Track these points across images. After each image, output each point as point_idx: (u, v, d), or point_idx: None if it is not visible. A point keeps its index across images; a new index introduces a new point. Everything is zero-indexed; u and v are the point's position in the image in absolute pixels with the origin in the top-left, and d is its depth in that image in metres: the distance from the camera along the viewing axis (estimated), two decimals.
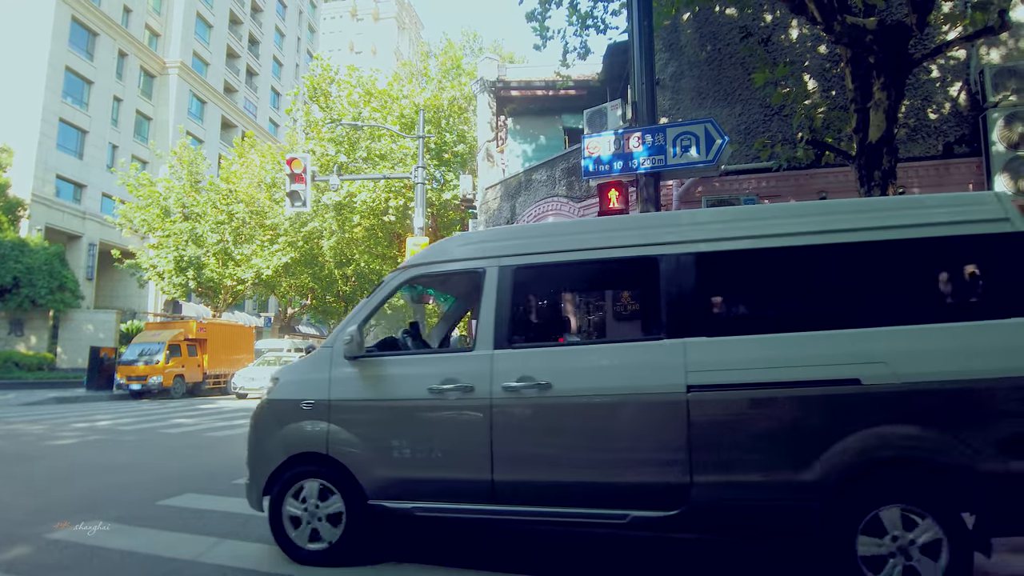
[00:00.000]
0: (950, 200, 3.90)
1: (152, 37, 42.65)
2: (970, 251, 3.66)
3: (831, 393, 3.49)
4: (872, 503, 3.39)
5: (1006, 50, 10.15)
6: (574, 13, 12.13)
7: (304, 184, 15.06)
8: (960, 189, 10.07)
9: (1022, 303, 3.45)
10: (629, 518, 3.65)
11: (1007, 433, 3.33)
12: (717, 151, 8.75)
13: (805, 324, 3.67)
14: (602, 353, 4.02)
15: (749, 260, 3.87)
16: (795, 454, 3.49)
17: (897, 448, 3.41)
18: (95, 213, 35.39)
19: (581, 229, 4.42)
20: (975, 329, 3.47)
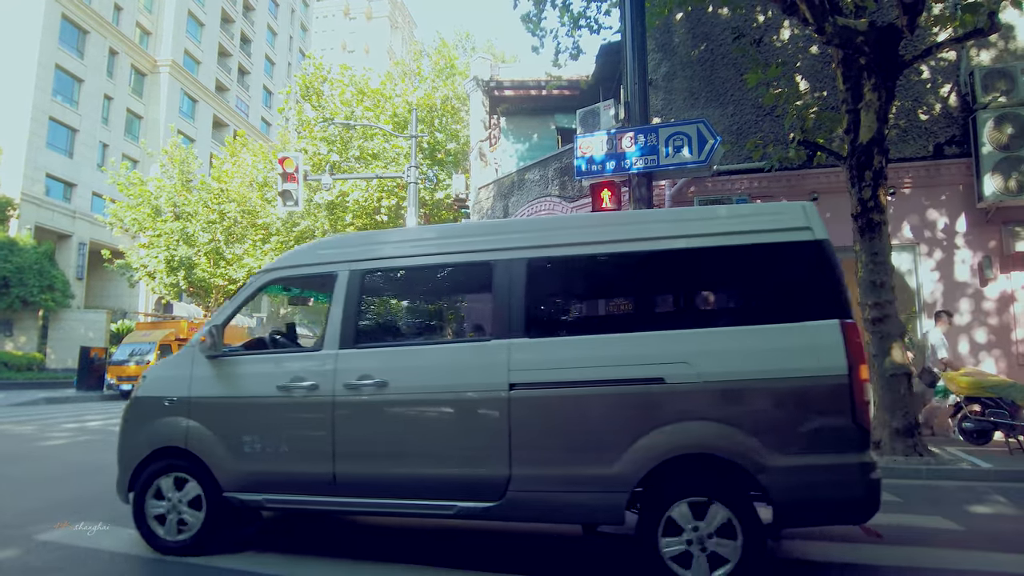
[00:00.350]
0: (759, 210, 4.12)
1: (143, 35, 42.42)
2: (773, 258, 3.85)
3: (637, 391, 3.69)
4: (670, 499, 3.59)
5: (996, 52, 10.23)
6: (566, 13, 12.16)
7: (296, 183, 15.02)
8: (950, 189, 10.16)
9: (818, 307, 3.67)
10: (456, 509, 3.87)
11: (796, 429, 3.54)
12: (709, 151, 8.78)
13: (618, 326, 4.00)
14: (435, 353, 4.20)
15: (570, 266, 4.10)
16: (604, 449, 3.68)
17: (696, 443, 3.60)
18: (85, 212, 35.18)
19: (425, 236, 4.62)
20: (774, 331, 3.68)
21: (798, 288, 3.79)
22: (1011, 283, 9.92)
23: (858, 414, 3.48)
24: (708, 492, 3.55)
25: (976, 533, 4.88)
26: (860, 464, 3.48)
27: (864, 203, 8.20)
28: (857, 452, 3.49)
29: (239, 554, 4.36)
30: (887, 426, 7.88)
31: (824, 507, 3.53)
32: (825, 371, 3.53)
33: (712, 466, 3.60)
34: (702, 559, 3.50)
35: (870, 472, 3.49)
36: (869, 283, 8.12)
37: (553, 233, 4.17)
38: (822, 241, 3.78)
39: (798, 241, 3.79)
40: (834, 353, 3.54)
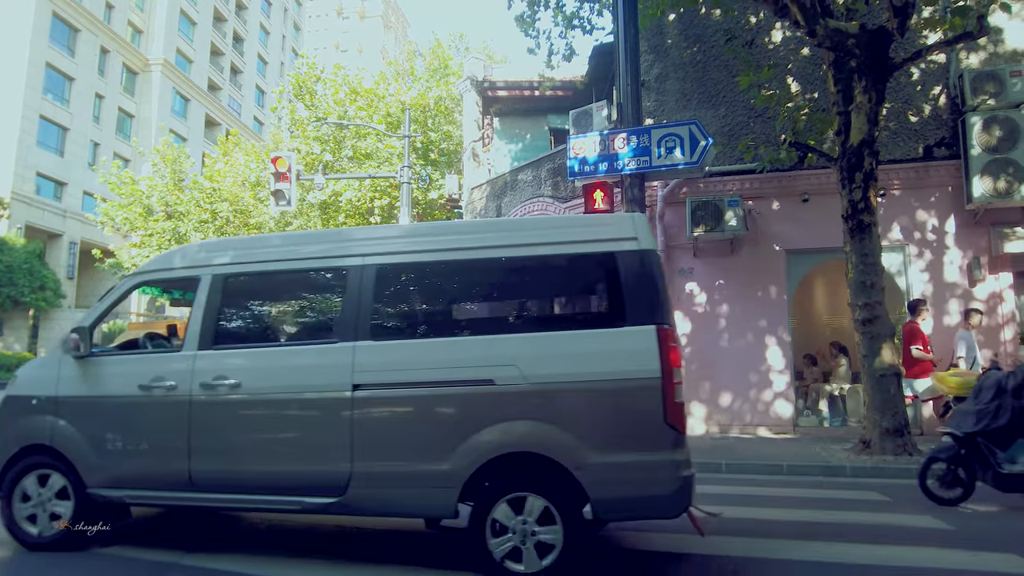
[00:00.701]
0: (589, 220, 4.41)
1: (135, 34, 42.22)
2: (599, 266, 4.07)
3: (469, 392, 3.89)
4: (495, 497, 3.77)
5: (985, 55, 10.31)
6: (559, 14, 12.18)
7: (289, 183, 14.99)
8: (940, 191, 10.23)
9: (638, 313, 3.87)
10: (302, 504, 4.04)
11: (612, 429, 3.76)
12: (701, 152, 8.82)
13: (455, 330, 4.22)
14: (286, 354, 4.37)
15: (413, 272, 4.36)
16: (438, 447, 3.87)
17: (520, 442, 3.80)
18: (76, 211, 34.98)
19: (285, 242, 4.83)
20: (595, 336, 3.92)
21: (620, 295, 3.96)
22: (999, 283, 10.00)
23: (670, 415, 3.70)
24: (528, 488, 3.76)
25: (964, 532, 4.93)
26: (671, 462, 3.70)
27: (854, 204, 8.25)
28: (669, 451, 3.71)
29: (221, 554, 4.38)
30: (877, 426, 7.94)
31: (636, 502, 3.75)
32: (640, 374, 3.75)
33: (534, 463, 3.78)
34: (531, 550, 3.70)
35: (681, 469, 3.71)
36: (859, 284, 8.18)
37: (400, 241, 4.41)
38: (647, 251, 4.00)
39: (624, 251, 3.99)
40: (649, 357, 3.76)
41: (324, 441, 4.03)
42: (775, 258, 10.69)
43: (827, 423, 10.88)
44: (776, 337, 10.57)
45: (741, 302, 10.75)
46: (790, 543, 4.62)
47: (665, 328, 3.82)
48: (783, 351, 10.53)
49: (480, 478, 3.80)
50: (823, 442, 9.32)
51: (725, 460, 7.94)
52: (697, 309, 10.92)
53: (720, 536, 4.66)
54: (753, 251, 10.73)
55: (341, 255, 4.36)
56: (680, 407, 3.77)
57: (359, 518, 5.17)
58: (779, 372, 10.50)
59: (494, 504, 3.75)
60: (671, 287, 10.98)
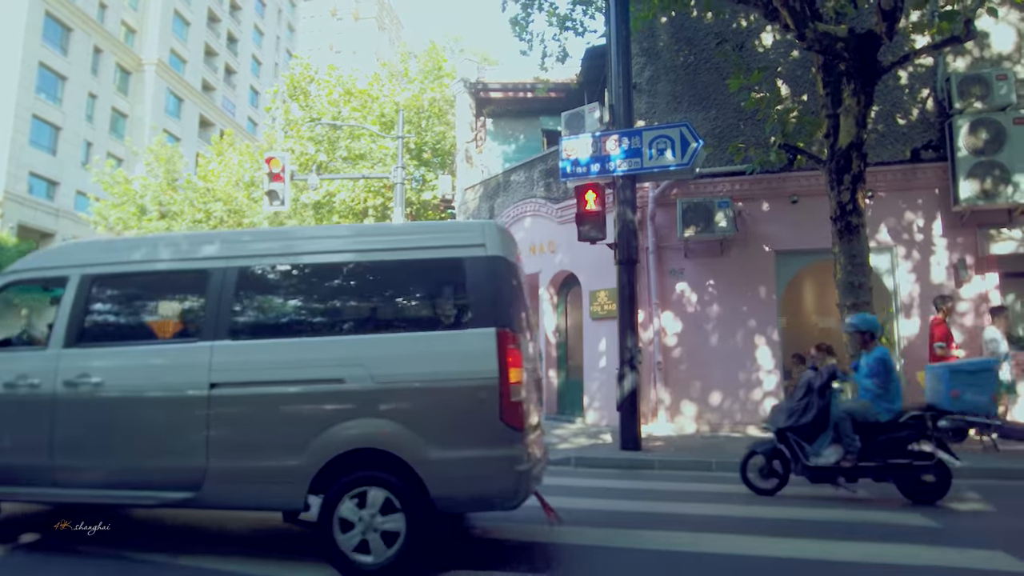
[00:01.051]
0: (439, 227, 4.60)
1: (128, 33, 42.10)
2: (446, 271, 4.27)
3: (321, 391, 4.04)
4: (341, 493, 3.89)
5: (971, 59, 10.44)
6: (553, 16, 12.26)
7: (283, 183, 15.00)
8: (927, 193, 10.34)
9: (481, 317, 4.06)
10: (160, 499, 4.15)
11: (452, 426, 3.95)
12: (692, 154, 8.91)
13: (310, 331, 4.31)
14: (148, 353, 4.44)
15: (270, 274, 4.45)
16: (290, 443, 3.99)
17: (365, 438, 3.95)
18: (69, 211, 34.85)
19: (154, 244, 4.85)
20: (440, 338, 4.12)
21: (465, 299, 4.17)
22: (985, 284, 10.11)
23: (506, 414, 3.90)
24: (372, 482, 3.91)
25: (951, 529, 4.98)
26: (507, 458, 3.89)
27: (843, 206, 8.34)
28: (505, 447, 3.90)
29: (215, 555, 4.38)
30: None
31: (473, 495, 3.96)
32: (478, 375, 3.95)
33: (379, 459, 3.93)
34: (378, 541, 3.85)
35: (516, 465, 3.89)
36: (847, 284, 8.27)
37: (260, 244, 4.53)
38: (493, 257, 4.18)
39: (471, 257, 4.18)
40: (487, 359, 3.95)
41: (182, 438, 4.13)
42: (765, 259, 10.79)
43: None
44: (765, 337, 10.66)
45: (731, 302, 10.84)
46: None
47: (505, 331, 4.01)
48: (772, 351, 10.62)
49: (328, 473, 3.94)
50: None
51: (715, 459, 8.01)
52: (688, 309, 11.00)
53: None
54: (743, 252, 10.81)
55: (205, 257, 4.48)
56: (516, 406, 3.94)
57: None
58: (768, 372, 10.59)
59: (341, 498, 3.89)
60: (662, 287, 11.08)
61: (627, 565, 4.22)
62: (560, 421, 12.46)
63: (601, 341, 11.72)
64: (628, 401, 8.86)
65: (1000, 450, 8.11)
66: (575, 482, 7.15)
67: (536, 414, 4.64)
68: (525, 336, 4.49)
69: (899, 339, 10.32)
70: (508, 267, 4.28)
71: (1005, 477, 7.05)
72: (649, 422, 10.68)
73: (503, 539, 4.78)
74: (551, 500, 4.74)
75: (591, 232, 9.21)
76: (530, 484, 4.06)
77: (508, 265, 4.29)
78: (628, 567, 4.18)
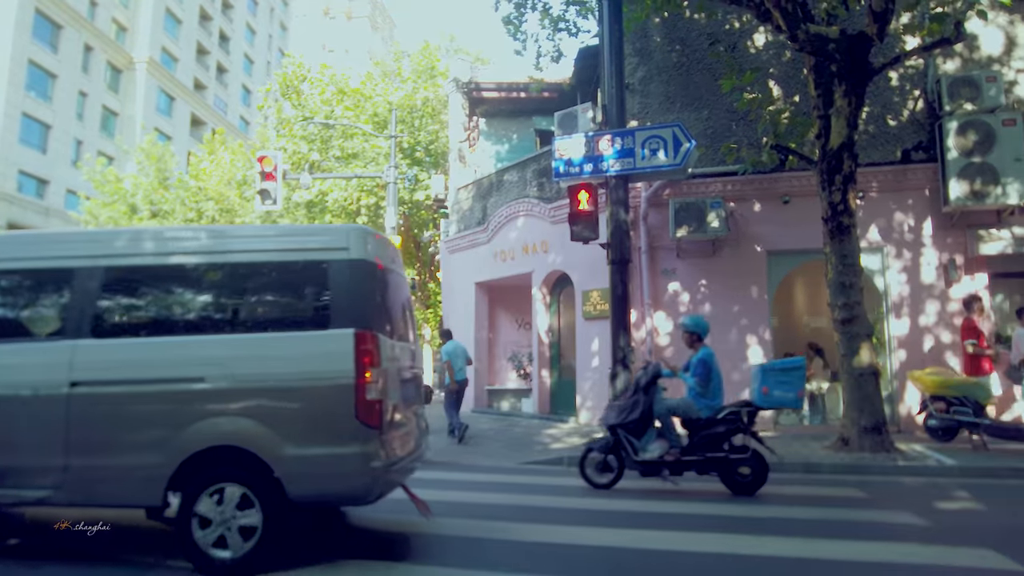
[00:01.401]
0: (304, 230, 4.67)
1: (119, 31, 41.84)
2: (312, 274, 4.34)
3: (181, 389, 4.10)
4: (199, 490, 3.97)
5: (961, 61, 10.52)
6: (546, 16, 12.26)
7: (275, 182, 14.93)
8: (917, 193, 10.41)
9: (340, 318, 4.18)
10: (18, 497, 4.16)
11: (308, 424, 4.06)
12: (684, 155, 8.94)
13: (172, 331, 4.35)
14: (10, 351, 4.37)
15: (136, 275, 4.46)
16: (149, 440, 4.06)
17: (224, 436, 4.02)
18: (59, 209, 34.60)
19: (20, 241, 4.95)
20: (299, 338, 4.21)
21: (326, 301, 4.27)
22: (975, 284, 10.19)
23: (361, 412, 4.03)
24: (230, 478, 4.00)
25: (941, 528, 5.01)
26: (362, 455, 4.02)
27: (834, 206, 8.39)
28: (360, 444, 4.02)
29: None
30: (855, 424, 8.07)
31: (329, 490, 4.09)
32: (335, 374, 4.07)
33: (237, 456, 4.01)
34: (235, 535, 3.93)
35: (371, 462, 4.03)
36: (838, 284, 8.32)
37: (127, 244, 4.56)
38: (355, 261, 4.31)
39: (334, 260, 4.30)
40: (344, 359, 4.07)
41: (41, 435, 4.13)
42: (756, 259, 10.83)
43: (807, 421, 11.04)
44: (757, 336, 10.70)
45: (723, 302, 10.88)
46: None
47: (364, 333, 4.14)
48: (764, 350, 10.66)
49: (187, 470, 3.99)
50: (803, 440, 9.46)
51: None
52: (680, 309, 11.03)
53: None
54: (735, 252, 10.86)
55: (70, 256, 4.48)
56: (372, 405, 4.06)
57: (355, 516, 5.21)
58: None
59: (199, 495, 3.96)
60: (655, 287, 11.10)
61: (493, 554, 4.44)
62: (553, 421, 12.47)
63: (594, 341, 11.74)
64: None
65: (990, 449, 8.18)
66: (566, 482, 7.18)
67: (406, 412, 4.74)
68: (393, 338, 4.60)
69: (889, 339, 10.38)
70: (372, 270, 4.41)
71: (994, 476, 7.11)
72: None
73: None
74: (546, 499, 4.75)
75: (584, 232, 9.22)
76: (389, 480, 4.24)
77: (372, 268, 4.42)
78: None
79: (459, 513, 5.56)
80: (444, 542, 4.82)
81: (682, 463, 6.41)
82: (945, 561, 4.16)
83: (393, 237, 14.86)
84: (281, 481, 3.96)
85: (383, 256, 4.66)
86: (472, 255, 15.30)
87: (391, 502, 4.68)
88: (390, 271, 4.79)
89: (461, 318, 15.65)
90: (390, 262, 4.83)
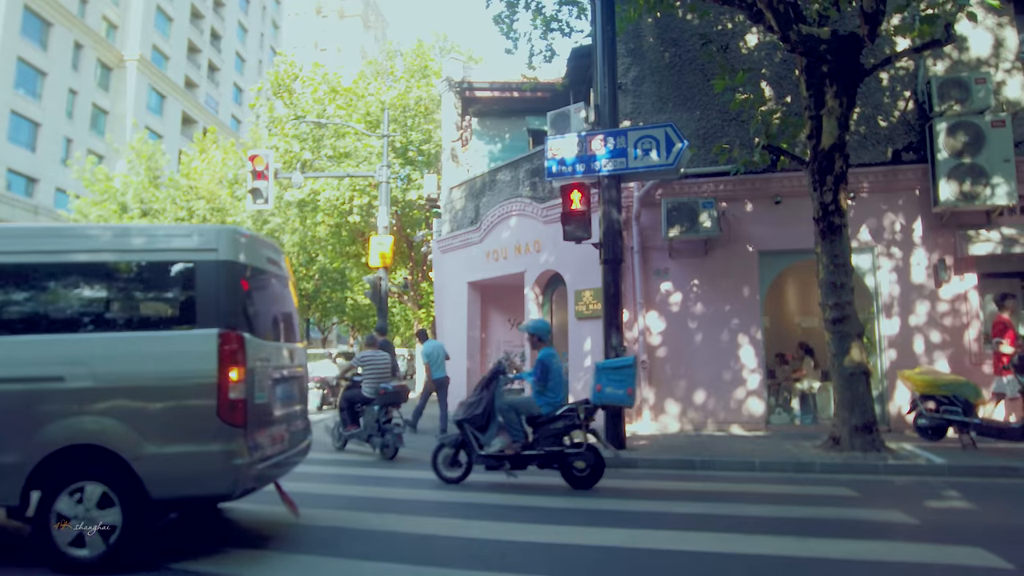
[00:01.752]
0: (174, 231, 4.75)
1: (110, 29, 41.58)
2: (179, 274, 4.39)
3: (41, 388, 4.10)
4: (58, 489, 3.99)
5: (951, 62, 10.58)
6: (538, 16, 12.25)
7: (267, 181, 14.88)
8: (907, 194, 10.47)
9: (206, 318, 4.25)
10: None
11: (170, 423, 4.12)
12: (677, 155, 8.95)
13: (34, 328, 4.28)
14: None
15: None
16: (6, 439, 4.02)
17: (84, 435, 4.05)
18: (48, 208, 34.35)
19: None
20: (163, 338, 4.27)
21: (193, 301, 4.33)
22: (964, 285, 10.25)
23: (223, 411, 4.12)
24: (90, 477, 4.03)
25: (931, 526, 5.05)
26: (224, 452, 4.12)
27: (825, 206, 8.42)
28: (222, 443, 4.12)
29: (201, 558, 4.40)
30: (846, 423, 8.11)
31: (190, 488, 4.17)
32: (198, 374, 4.16)
33: (97, 455, 4.04)
34: (95, 534, 3.96)
35: (233, 459, 4.13)
36: (829, 284, 8.35)
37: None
38: (223, 262, 4.36)
39: (202, 261, 4.35)
40: (208, 359, 4.15)
41: None
42: (748, 259, 10.86)
43: (798, 420, 11.09)
44: (749, 336, 10.74)
45: (715, 302, 10.91)
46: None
47: (228, 333, 4.21)
48: (755, 350, 10.70)
49: (46, 469, 3.99)
50: (794, 439, 9.50)
51: (699, 457, 8.06)
52: (672, 309, 11.06)
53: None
54: (727, 252, 10.89)
55: None
56: (235, 403, 4.15)
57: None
58: (751, 371, 10.67)
59: (59, 493, 3.97)
60: (647, 287, 11.13)
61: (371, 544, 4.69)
62: None
63: (586, 340, 11.75)
64: None
65: (979, 448, 8.23)
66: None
67: (280, 411, 4.82)
68: (267, 339, 4.68)
69: (880, 338, 10.44)
70: (242, 272, 4.46)
71: (984, 475, 7.15)
72: (633, 421, 10.73)
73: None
74: (533, 499, 4.77)
75: (576, 232, 9.23)
76: (257, 476, 4.33)
77: (242, 270, 4.47)
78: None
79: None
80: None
81: (523, 457, 6.72)
82: (935, 559, 4.19)
83: (385, 237, 14.84)
84: (141, 479, 3.99)
85: (256, 257, 4.73)
86: (464, 255, 15.28)
87: (266, 494, 4.94)
88: (265, 272, 4.87)
89: (453, 318, 15.64)
90: (265, 263, 4.89)
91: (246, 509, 5.65)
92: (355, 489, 6.96)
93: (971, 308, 10.21)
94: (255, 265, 4.67)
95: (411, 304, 26.73)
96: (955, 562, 4.14)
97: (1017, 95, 10.36)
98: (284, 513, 5.13)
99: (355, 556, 4.38)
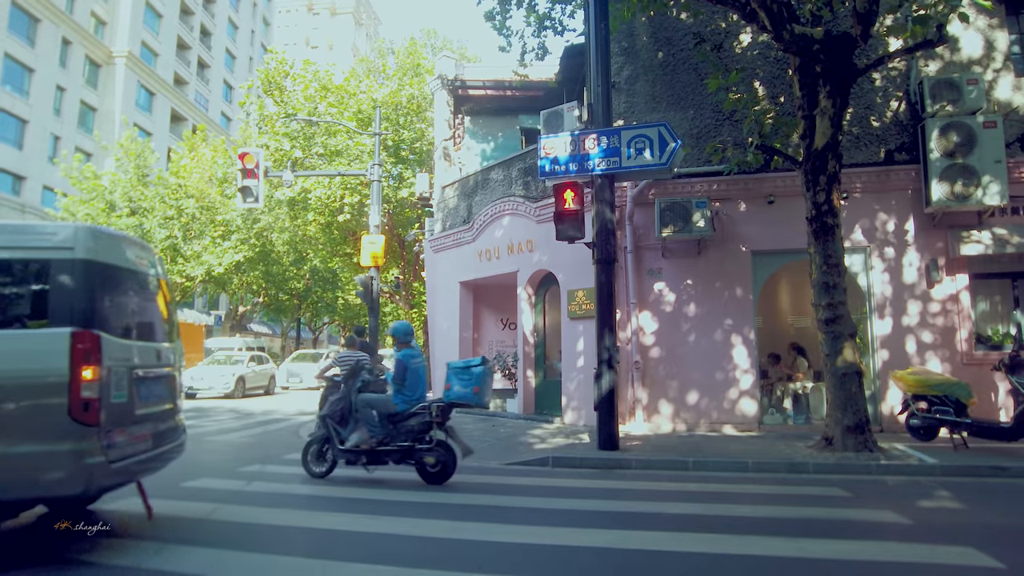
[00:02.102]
0: (27, 228, 4.65)
1: (98, 25, 41.23)
2: (31, 272, 4.31)
3: None
4: None
5: (943, 63, 10.62)
6: (531, 14, 12.20)
7: (256, 179, 14.76)
8: (900, 194, 10.50)
9: (60, 316, 4.18)
10: None
11: (18, 421, 4.03)
12: (670, 154, 8.93)
13: None
14: None
15: None
16: None
17: None
18: (35, 206, 34.03)
19: None
20: (12, 336, 4.15)
21: (47, 299, 4.25)
22: (956, 285, 10.29)
23: (74, 410, 4.06)
24: None
25: (922, 526, 5.05)
26: (75, 452, 4.06)
27: (818, 206, 8.43)
28: (74, 442, 4.06)
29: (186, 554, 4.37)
30: (839, 423, 8.12)
31: (39, 486, 4.08)
32: (48, 372, 4.09)
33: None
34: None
35: (85, 458, 4.08)
36: (822, 284, 8.36)
37: None
38: (80, 260, 4.31)
39: (56, 259, 4.29)
40: (59, 357, 4.09)
41: None
42: (741, 259, 10.87)
43: (791, 421, 11.10)
44: (742, 336, 10.74)
45: (708, 302, 10.91)
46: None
47: (81, 332, 4.16)
48: (748, 350, 10.70)
49: None
50: (787, 439, 9.51)
51: (692, 457, 8.04)
52: (665, 309, 11.05)
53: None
54: (720, 252, 10.89)
55: None
56: (88, 402, 4.10)
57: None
58: (744, 371, 10.67)
59: None
60: (640, 287, 11.11)
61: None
62: (538, 421, 12.44)
63: (579, 340, 11.72)
64: (606, 401, 8.86)
65: (970, 447, 8.26)
66: (543, 482, 7.16)
67: (144, 410, 4.77)
68: (129, 338, 4.67)
69: (873, 338, 10.46)
70: (100, 270, 4.42)
71: (975, 475, 7.17)
72: (626, 421, 10.71)
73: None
74: (527, 499, 4.72)
75: (569, 231, 9.19)
76: (115, 474, 4.31)
77: (100, 268, 4.42)
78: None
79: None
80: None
81: (378, 452, 6.93)
82: (927, 559, 4.19)
83: (376, 236, 14.76)
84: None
85: (116, 256, 4.68)
86: (457, 254, 15.23)
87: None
88: (128, 271, 4.81)
89: (445, 318, 15.58)
90: (130, 263, 4.84)
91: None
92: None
93: (963, 308, 10.25)
94: (117, 264, 4.64)
95: (403, 304, 26.65)
96: (947, 562, 4.13)
97: (1008, 96, 10.41)
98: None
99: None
